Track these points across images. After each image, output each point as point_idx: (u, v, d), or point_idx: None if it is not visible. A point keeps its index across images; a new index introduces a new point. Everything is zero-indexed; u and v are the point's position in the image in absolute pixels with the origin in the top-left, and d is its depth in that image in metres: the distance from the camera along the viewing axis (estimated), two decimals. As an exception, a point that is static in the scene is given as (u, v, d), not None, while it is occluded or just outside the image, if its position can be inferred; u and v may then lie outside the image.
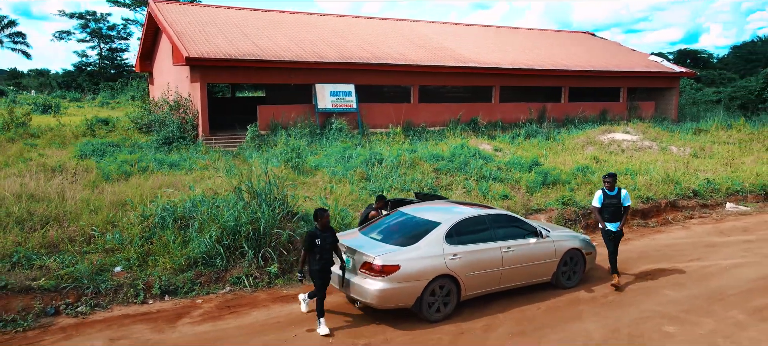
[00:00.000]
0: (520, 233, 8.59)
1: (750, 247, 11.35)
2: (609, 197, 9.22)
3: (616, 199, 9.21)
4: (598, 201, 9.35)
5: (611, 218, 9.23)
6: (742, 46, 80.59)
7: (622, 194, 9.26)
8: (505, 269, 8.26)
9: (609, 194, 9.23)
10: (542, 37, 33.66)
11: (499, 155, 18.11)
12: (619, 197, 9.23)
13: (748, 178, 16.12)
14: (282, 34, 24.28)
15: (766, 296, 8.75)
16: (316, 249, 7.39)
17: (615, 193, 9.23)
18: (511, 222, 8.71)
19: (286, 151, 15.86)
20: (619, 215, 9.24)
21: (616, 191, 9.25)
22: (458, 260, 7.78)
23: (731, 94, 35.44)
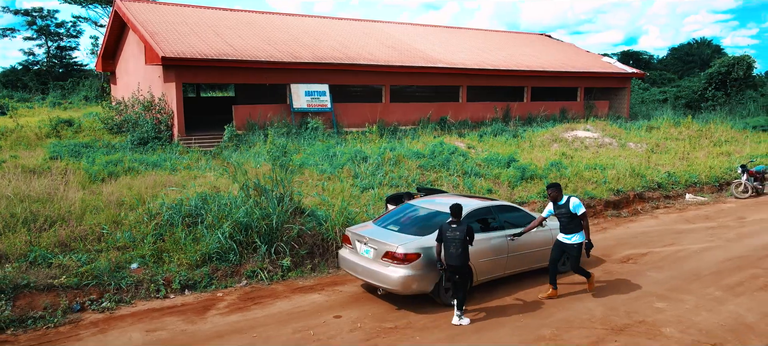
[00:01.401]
0: (522, 222, 9.31)
1: (714, 232, 12.52)
2: (558, 208, 8.66)
3: (566, 208, 8.57)
4: (547, 214, 8.91)
5: (565, 230, 8.65)
6: (680, 48, 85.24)
7: (571, 204, 8.54)
8: (511, 256, 8.96)
9: (558, 204, 8.65)
10: (503, 39, 34.91)
11: (473, 152, 18.92)
12: (569, 206, 8.55)
13: (702, 171, 17.53)
14: (254, 35, 24.39)
15: (735, 274, 9.80)
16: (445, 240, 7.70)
17: (563, 202, 8.61)
18: (513, 212, 9.42)
19: (273, 149, 16.10)
20: (573, 226, 8.59)
21: (563, 200, 8.63)
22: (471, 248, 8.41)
23: (677, 94, 37.78)
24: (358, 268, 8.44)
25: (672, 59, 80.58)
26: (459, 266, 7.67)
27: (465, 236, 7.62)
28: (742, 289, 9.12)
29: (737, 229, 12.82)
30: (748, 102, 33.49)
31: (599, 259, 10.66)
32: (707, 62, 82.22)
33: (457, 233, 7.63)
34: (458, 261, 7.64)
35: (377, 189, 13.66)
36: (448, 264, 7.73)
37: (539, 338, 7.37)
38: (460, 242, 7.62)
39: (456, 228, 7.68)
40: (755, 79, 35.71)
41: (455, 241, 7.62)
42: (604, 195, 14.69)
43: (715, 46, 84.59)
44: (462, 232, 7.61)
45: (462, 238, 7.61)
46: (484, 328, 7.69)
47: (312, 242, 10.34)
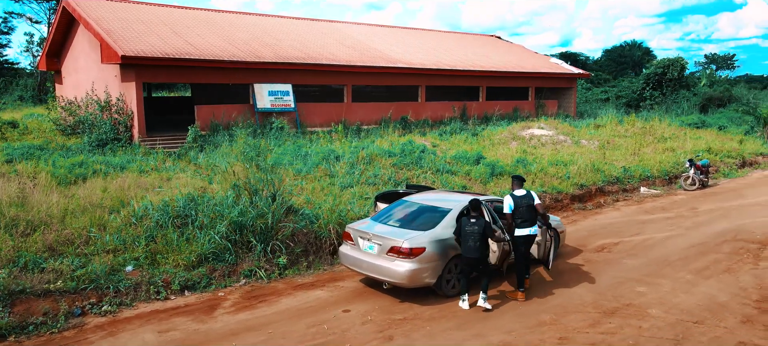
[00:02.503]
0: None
1: (673, 222, 13.51)
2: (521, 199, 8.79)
3: (527, 199, 8.80)
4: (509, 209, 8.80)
5: (530, 222, 8.73)
6: (613, 50, 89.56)
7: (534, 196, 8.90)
8: (504, 248, 9.41)
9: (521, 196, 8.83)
10: (456, 39, 35.76)
11: (439, 151, 19.43)
12: (531, 197, 8.86)
13: (653, 165, 18.74)
14: (214, 34, 24.01)
15: (700, 259, 10.67)
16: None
17: (525, 194, 8.87)
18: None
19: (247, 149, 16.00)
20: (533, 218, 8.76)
21: (525, 192, 8.91)
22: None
23: (617, 93, 39.87)
24: (363, 264, 8.66)
25: (606, 60, 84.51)
26: (477, 258, 8.10)
27: (484, 230, 8.02)
28: (709, 272, 9.96)
29: (692, 218, 13.88)
30: (681, 101, 35.78)
31: (576, 249, 11.33)
32: (639, 63, 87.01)
33: (475, 227, 8.06)
34: (476, 253, 8.07)
35: (356, 187, 13.87)
36: (466, 257, 8.15)
37: (541, 322, 7.85)
38: (479, 235, 8.04)
39: (475, 222, 8.10)
40: (687, 79, 38.18)
41: (474, 234, 8.05)
42: (570, 189, 15.49)
43: (645, 48, 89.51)
44: (481, 226, 8.03)
45: (481, 232, 8.01)
46: (487, 317, 8.09)
47: (305, 240, 10.46)
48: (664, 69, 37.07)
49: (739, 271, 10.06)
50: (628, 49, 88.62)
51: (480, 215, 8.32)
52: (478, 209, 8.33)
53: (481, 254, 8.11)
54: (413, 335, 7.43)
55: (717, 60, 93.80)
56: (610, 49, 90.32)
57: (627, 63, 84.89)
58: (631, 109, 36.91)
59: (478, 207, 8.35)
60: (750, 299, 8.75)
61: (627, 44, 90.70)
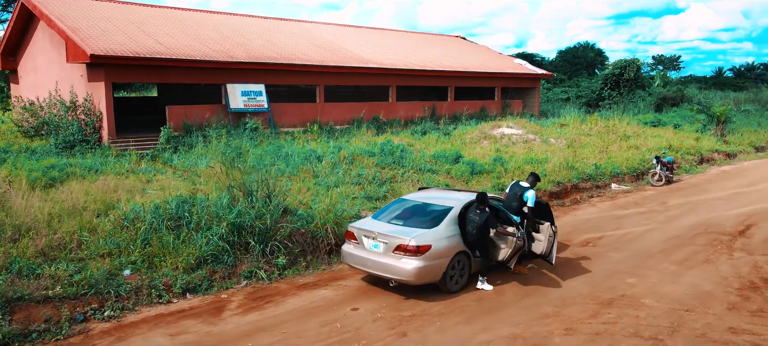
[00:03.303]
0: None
1: (647, 216, 14.13)
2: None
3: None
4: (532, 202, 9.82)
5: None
6: (567, 51, 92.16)
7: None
8: (517, 244, 9.65)
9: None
10: (423, 40, 36.14)
11: (415, 150, 19.66)
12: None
13: (621, 162, 19.49)
14: (183, 33, 23.55)
15: (679, 251, 11.24)
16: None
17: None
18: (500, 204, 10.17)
19: (227, 150, 15.84)
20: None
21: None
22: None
23: (577, 93, 41.13)
24: (368, 262, 8.76)
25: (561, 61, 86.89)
26: (471, 243, 8.81)
27: (486, 222, 8.37)
28: (690, 263, 10.51)
29: (665, 212, 14.55)
30: (638, 100, 37.24)
31: (563, 244, 11.73)
32: (592, 64, 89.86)
33: (476, 217, 8.56)
34: (472, 239, 8.78)
35: (343, 187, 13.93)
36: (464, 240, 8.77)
37: (545, 315, 8.14)
38: (478, 225, 8.58)
39: (480, 213, 8.62)
40: (643, 80, 39.74)
41: (473, 223, 8.59)
42: (547, 187, 15.97)
43: (597, 50, 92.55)
44: (483, 218, 8.39)
45: (482, 223, 8.39)
46: (492, 310, 8.34)
47: (302, 240, 10.47)
48: (621, 70, 38.50)
49: (716, 261, 10.65)
50: (582, 51, 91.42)
51: (485, 208, 8.65)
52: (484, 202, 8.73)
53: (474, 240, 8.76)
54: (425, 331, 7.59)
55: (663, 61, 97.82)
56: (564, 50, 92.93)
57: (581, 64, 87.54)
58: (591, 108, 38.16)
59: (484, 200, 8.76)
60: (732, 288, 9.30)
61: (580, 46, 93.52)
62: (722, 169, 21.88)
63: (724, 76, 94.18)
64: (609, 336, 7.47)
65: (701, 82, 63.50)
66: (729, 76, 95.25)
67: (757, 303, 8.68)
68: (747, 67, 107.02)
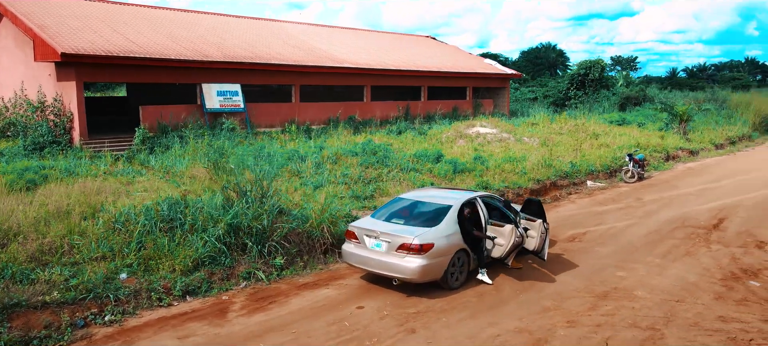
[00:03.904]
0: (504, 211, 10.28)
1: (626, 212, 14.62)
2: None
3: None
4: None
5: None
6: (530, 52, 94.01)
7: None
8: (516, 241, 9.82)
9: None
10: (394, 40, 36.32)
11: (397, 149, 19.78)
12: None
13: (595, 160, 20.06)
14: (155, 31, 23.07)
15: (660, 245, 11.69)
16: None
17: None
18: (497, 201, 10.37)
19: (209, 151, 15.63)
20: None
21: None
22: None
23: (545, 93, 42.04)
24: (371, 262, 8.82)
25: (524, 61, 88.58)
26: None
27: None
28: (672, 256, 10.94)
29: (642, 208, 15.07)
30: (603, 100, 38.32)
31: (551, 240, 11.98)
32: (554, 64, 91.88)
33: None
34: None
35: (329, 187, 13.93)
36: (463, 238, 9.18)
37: (545, 309, 8.37)
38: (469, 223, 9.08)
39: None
40: (607, 80, 40.92)
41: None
42: (528, 184, 16.32)
43: (559, 50, 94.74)
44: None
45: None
46: (493, 306, 8.52)
47: (298, 240, 10.44)
48: (586, 70, 39.53)
49: (697, 254, 11.12)
50: (544, 51, 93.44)
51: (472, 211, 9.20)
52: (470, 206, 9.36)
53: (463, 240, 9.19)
54: (433, 327, 7.71)
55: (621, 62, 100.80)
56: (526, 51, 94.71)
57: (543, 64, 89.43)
58: (558, 107, 39.06)
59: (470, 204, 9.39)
60: (715, 278, 9.74)
61: (542, 46, 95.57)
62: (688, 166, 22.76)
63: (678, 76, 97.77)
64: (610, 327, 7.74)
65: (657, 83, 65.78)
66: (682, 76, 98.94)
67: (741, 293, 9.12)
68: (699, 68, 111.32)
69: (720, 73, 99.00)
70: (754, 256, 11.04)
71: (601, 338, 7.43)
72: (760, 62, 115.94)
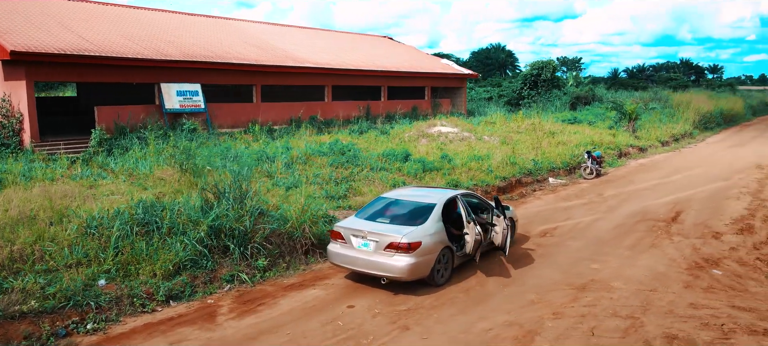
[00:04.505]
0: (482, 208, 10.51)
1: (590, 207, 15.17)
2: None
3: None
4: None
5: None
6: (480, 52, 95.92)
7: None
8: (476, 238, 10.08)
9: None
10: (352, 39, 36.31)
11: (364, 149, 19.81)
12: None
13: (555, 158, 20.70)
14: (109, 29, 22.26)
15: (627, 238, 12.20)
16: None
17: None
18: (476, 200, 10.58)
19: (175, 152, 15.23)
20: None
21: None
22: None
23: (499, 93, 42.98)
24: (358, 261, 8.84)
25: (474, 62, 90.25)
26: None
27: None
28: (640, 248, 11.46)
29: (604, 203, 15.68)
30: (554, 99, 39.52)
31: (523, 235, 12.36)
32: (503, 65, 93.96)
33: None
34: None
35: (302, 187, 13.83)
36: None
37: (530, 302, 8.62)
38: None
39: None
40: (558, 80, 42.24)
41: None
42: (495, 182, 16.69)
43: (508, 51, 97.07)
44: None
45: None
46: (480, 300, 8.70)
47: (278, 241, 10.34)
48: (538, 70, 40.69)
49: (661, 245, 11.68)
50: (494, 52, 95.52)
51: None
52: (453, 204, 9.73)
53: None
54: (425, 323, 7.81)
55: (567, 63, 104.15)
56: (477, 51, 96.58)
57: (493, 64, 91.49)
58: (512, 107, 40.02)
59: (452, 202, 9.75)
60: (681, 268, 10.26)
61: (492, 47, 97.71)
62: (639, 163, 23.80)
63: (620, 77, 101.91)
64: (593, 318, 8.05)
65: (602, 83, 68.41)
66: (623, 77, 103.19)
67: (707, 281, 9.65)
68: (639, 68, 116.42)
69: (657, 74, 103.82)
70: (712, 246, 11.68)
71: (587, 327, 7.72)
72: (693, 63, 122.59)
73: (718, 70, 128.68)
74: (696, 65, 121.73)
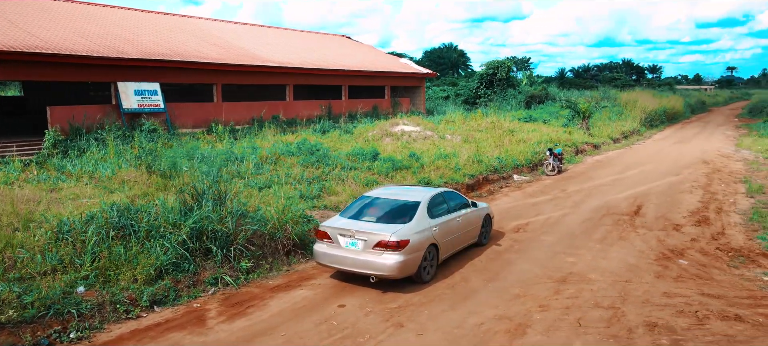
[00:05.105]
0: (462, 205, 10.69)
1: (556, 203, 15.64)
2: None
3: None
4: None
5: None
6: (433, 52, 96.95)
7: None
8: (459, 234, 10.27)
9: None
10: (310, 38, 36.03)
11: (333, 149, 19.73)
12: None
13: (518, 155, 21.20)
14: (60, 26, 21.33)
15: (596, 232, 12.66)
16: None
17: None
18: (455, 197, 10.75)
19: (141, 153, 14.77)
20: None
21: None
22: (438, 230, 9.50)
23: (456, 92, 43.60)
24: (347, 260, 8.83)
25: (427, 61, 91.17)
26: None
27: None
28: (609, 241, 11.91)
29: (569, 199, 16.19)
30: (510, 98, 40.45)
31: (498, 231, 12.63)
32: (456, 64, 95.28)
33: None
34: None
35: (275, 187, 13.68)
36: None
37: (516, 296, 8.83)
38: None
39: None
40: (513, 79, 43.24)
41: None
42: (463, 179, 16.97)
43: (460, 51, 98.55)
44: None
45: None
46: (467, 296, 8.85)
47: (260, 242, 10.20)
48: (494, 70, 41.53)
49: (628, 238, 12.18)
50: (446, 51, 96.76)
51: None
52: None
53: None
54: (418, 320, 7.89)
55: (517, 62, 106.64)
56: (429, 51, 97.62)
57: (446, 64, 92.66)
58: (469, 105, 40.70)
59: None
60: (650, 259, 10.73)
61: (444, 46, 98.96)
62: (596, 159, 24.68)
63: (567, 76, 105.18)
64: (577, 309, 8.33)
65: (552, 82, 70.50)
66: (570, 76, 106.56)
67: (675, 271, 10.13)
68: (584, 68, 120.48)
69: (602, 74, 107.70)
70: (675, 237, 12.26)
71: (573, 319, 7.99)
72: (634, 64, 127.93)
73: (657, 70, 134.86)
74: (637, 65, 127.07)
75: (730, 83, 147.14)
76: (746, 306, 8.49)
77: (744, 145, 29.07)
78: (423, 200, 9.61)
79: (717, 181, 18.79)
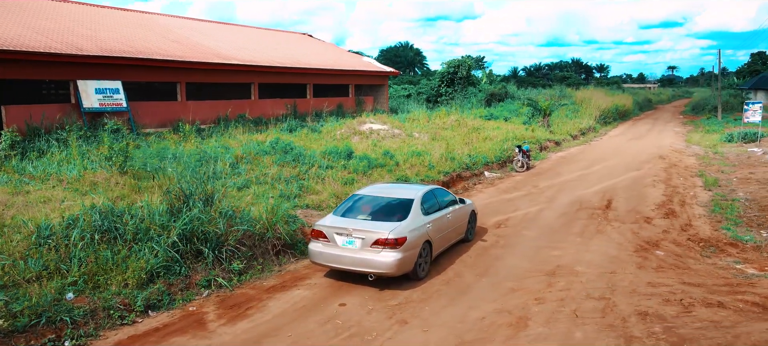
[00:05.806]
0: (450, 201, 10.80)
1: (531, 198, 16.00)
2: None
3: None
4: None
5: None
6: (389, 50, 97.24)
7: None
8: (449, 230, 10.38)
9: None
10: (272, 36, 35.54)
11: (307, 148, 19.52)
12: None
13: (487, 152, 21.56)
14: (12, 20, 20.33)
15: (573, 226, 13.03)
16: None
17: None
18: (444, 194, 10.85)
19: (111, 154, 14.23)
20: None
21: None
22: (431, 227, 9.58)
23: (418, 90, 43.89)
24: (344, 259, 8.79)
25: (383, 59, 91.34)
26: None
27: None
28: (588, 234, 12.29)
29: (542, 194, 16.59)
30: (471, 96, 41.04)
31: (481, 227, 12.81)
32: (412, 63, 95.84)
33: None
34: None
35: (254, 187, 13.47)
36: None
37: (511, 289, 9.00)
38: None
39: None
40: (474, 78, 43.89)
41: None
42: (438, 177, 17.13)
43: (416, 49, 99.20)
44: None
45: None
46: (463, 291, 8.96)
47: (250, 243, 10.03)
48: (455, 68, 42.05)
49: (605, 231, 12.60)
50: (402, 50, 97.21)
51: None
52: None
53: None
54: (421, 316, 7.94)
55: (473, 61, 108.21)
56: (386, 49, 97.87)
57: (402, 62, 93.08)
58: (431, 104, 41.05)
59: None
60: (629, 251, 11.14)
61: (401, 45, 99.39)
62: (559, 156, 25.36)
63: (519, 75, 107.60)
64: (571, 301, 8.57)
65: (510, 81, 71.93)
66: (522, 75, 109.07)
67: (655, 261, 10.56)
68: (536, 67, 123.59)
69: (553, 72, 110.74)
70: (648, 230, 12.76)
71: (570, 310, 8.21)
72: (583, 63, 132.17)
73: (604, 69, 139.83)
74: (585, 65, 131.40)
75: (671, 82, 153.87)
76: (725, 293, 8.92)
77: (693, 140, 30.49)
78: (416, 197, 9.67)
79: (675, 175, 19.64)
